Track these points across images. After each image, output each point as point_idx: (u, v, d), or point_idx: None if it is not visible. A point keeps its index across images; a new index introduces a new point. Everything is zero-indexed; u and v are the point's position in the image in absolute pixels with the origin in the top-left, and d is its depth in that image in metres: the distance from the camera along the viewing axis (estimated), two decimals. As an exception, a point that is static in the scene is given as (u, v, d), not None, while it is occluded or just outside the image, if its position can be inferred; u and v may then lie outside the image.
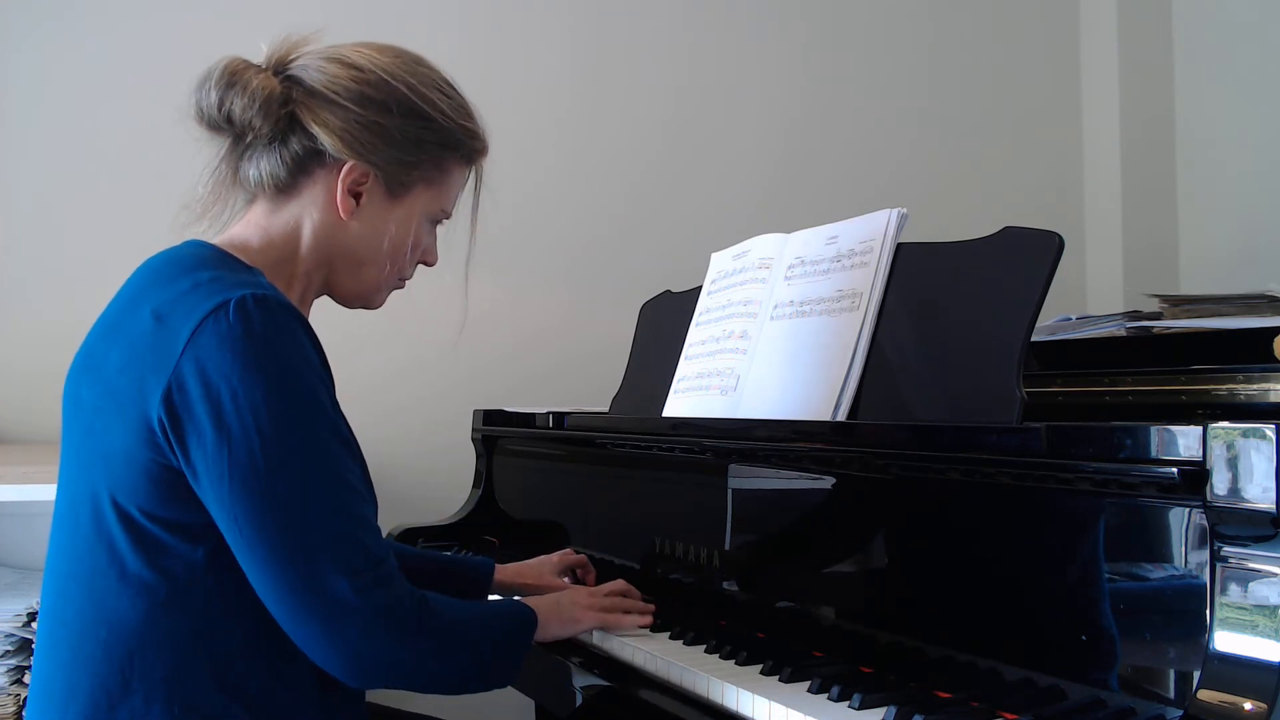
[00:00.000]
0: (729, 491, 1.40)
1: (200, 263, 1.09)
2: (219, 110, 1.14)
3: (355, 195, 1.17)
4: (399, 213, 1.20)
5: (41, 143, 2.18)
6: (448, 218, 1.27)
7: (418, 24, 2.39)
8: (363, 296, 1.25)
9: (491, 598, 1.51)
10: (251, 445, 0.98)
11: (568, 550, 1.61)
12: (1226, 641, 0.83)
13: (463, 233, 1.30)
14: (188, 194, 1.19)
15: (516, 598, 1.34)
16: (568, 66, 2.62)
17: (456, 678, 1.14)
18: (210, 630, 1.03)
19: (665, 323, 1.78)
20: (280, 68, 1.16)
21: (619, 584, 1.42)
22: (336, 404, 1.08)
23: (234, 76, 1.13)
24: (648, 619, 1.34)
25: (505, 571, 1.53)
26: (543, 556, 1.59)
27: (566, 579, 1.57)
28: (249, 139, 1.15)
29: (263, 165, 1.16)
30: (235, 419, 0.98)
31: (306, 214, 1.17)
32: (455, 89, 1.22)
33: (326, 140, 1.13)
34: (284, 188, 1.17)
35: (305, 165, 1.16)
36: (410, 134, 1.16)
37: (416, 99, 1.16)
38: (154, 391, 0.99)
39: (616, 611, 1.34)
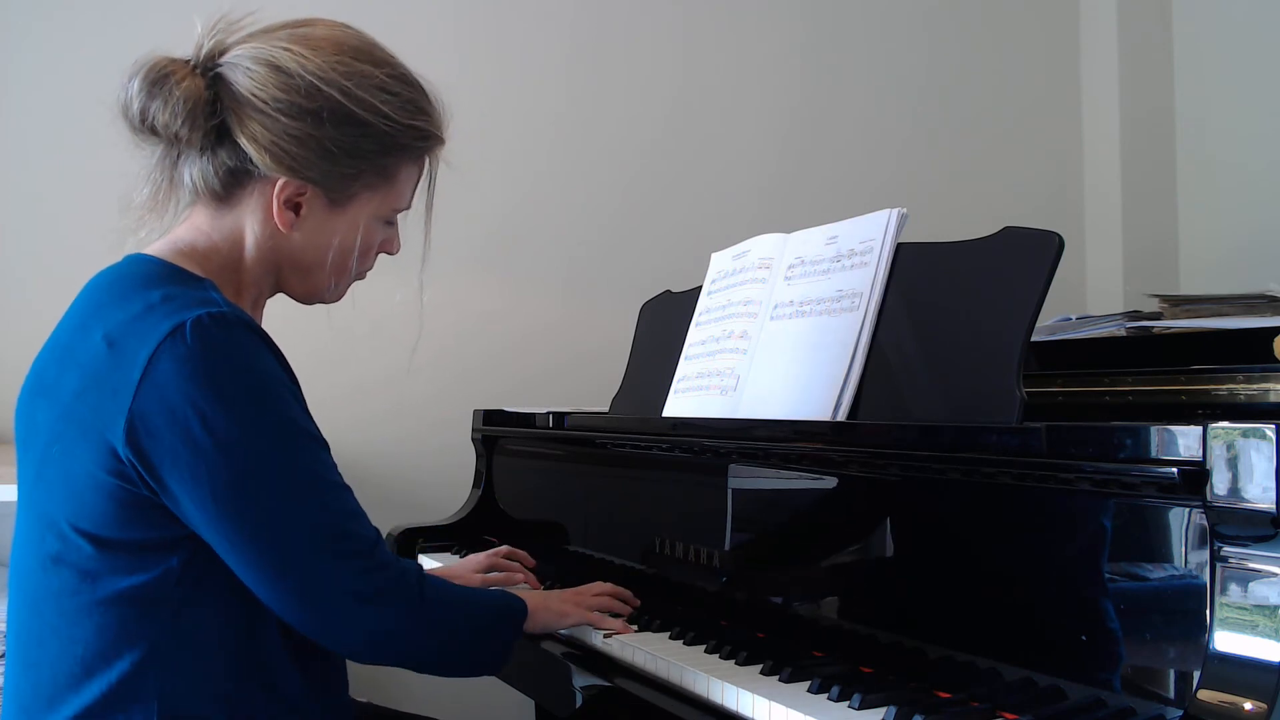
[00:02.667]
0: (729, 491, 1.40)
1: (149, 280, 1.05)
2: (142, 121, 1.08)
3: (294, 207, 1.11)
4: (343, 222, 1.14)
5: (41, 141, 2.17)
6: (406, 210, 1.21)
7: (415, 23, 2.39)
8: (316, 297, 1.21)
9: None
10: (230, 464, 0.97)
11: (499, 549, 1.61)
12: (1226, 641, 0.82)
13: (419, 229, 1.24)
14: (125, 199, 1.14)
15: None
16: (566, 65, 2.62)
17: (458, 653, 1.16)
18: (185, 639, 1.02)
19: (665, 323, 1.78)
20: (210, 64, 1.09)
21: (603, 585, 1.41)
22: (305, 408, 1.07)
23: (155, 85, 1.06)
24: (628, 628, 1.33)
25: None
26: (471, 555, 1.62)
27: (495, 574, 1.56)
28: (173, 144, 1.09)
29: (196, 173, 1.10)
30: (208, 441, 0.97)
31: (247, 224, 1.12)
32: (402, 82, 1.13)
33: (255, 155, 1.07)
34: (222, 196, 1.11)
35: (238, 177, 1.10)
36: (346, 145, 1.09)
37: (352, 105, 1.08)
38: (116, 421, 0.97)
39: (600, 611, 1.35)
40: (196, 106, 1.06)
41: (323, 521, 1.03)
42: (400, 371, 2.36)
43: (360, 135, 1.10)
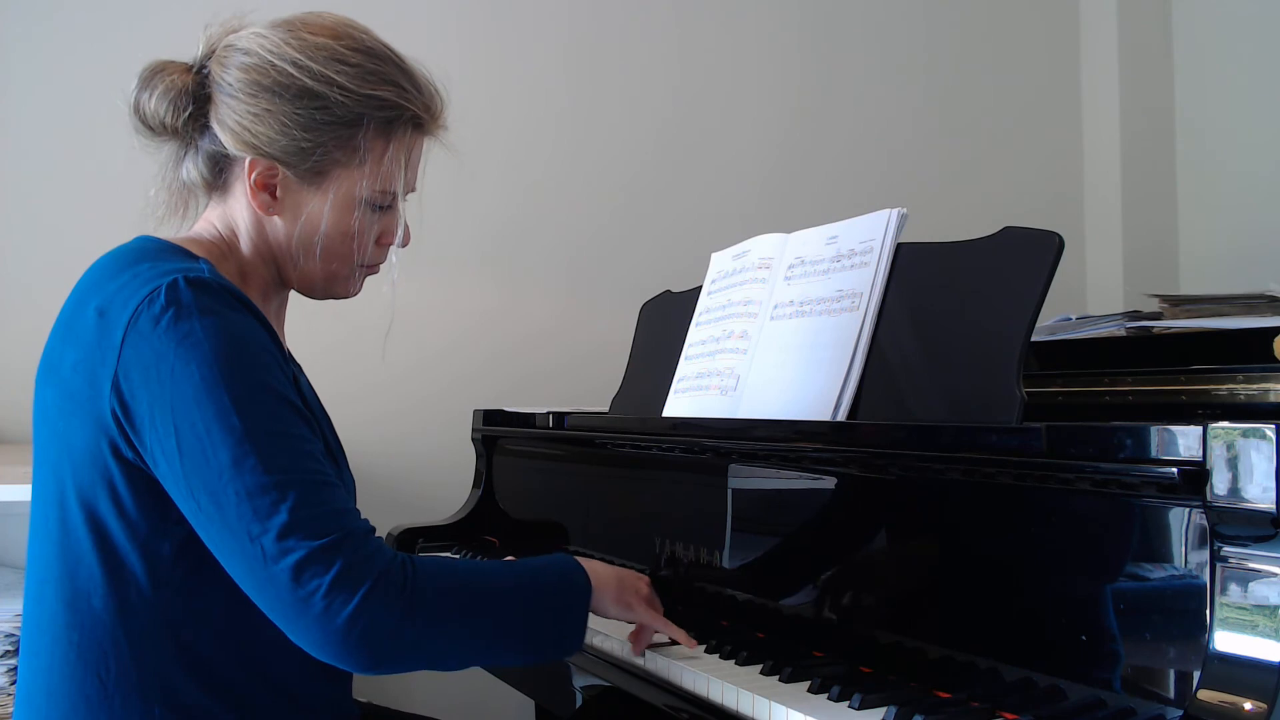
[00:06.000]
0: (729, 491, 1.40)
1: (142, 255, 1.07)
2: (135, 113, 1.13)
3: (269, 189, 1.12)
4: (320, 203, 1.13)
5: (42, 141, 2.18)
6: (395, 194, 1.16)
7: (415, 23, 2.39)
8: (317, 288, 1.20)
9: None
10: (194, 420, 0.96)
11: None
12: (1226, 641, 0.82)
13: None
14: (146, 199, 1.18)
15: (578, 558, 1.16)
16: (565, 64, 2.62)
17: (475, 649, 1.05)
18: (183, 627, 1.02)
19: (665, 323, 1.78)
20: (203, 63, 1.13)
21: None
22: (287, 373, 1.05)
23: (147, 80, 1.12)
24: (691, 641, 1.21)
25: None
26: None
27: None
28: (178, 140, 1.14)
29: (190, 166, 1.15)
30: (176, 398, 0.96)
31: (238, 211, 1.15)
32: (365, 54, 1.12)
33: (223, 137, 1.10)
34: (215, 186, 1.16)
35: (220, 163, 1.14)
36: (301, 118, 1.09)
37: (305, 78, 1.08)
38: (104, 386, 0.99)
39: (666, 620, 1.22)
40: (178, 96, 1.11)
41: (277, 486, 0.95)
42: (400, 371, 2.37)
43: (315, 107, 1.09)
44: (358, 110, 1.11)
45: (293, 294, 1.24)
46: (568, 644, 1.09)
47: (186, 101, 1.11)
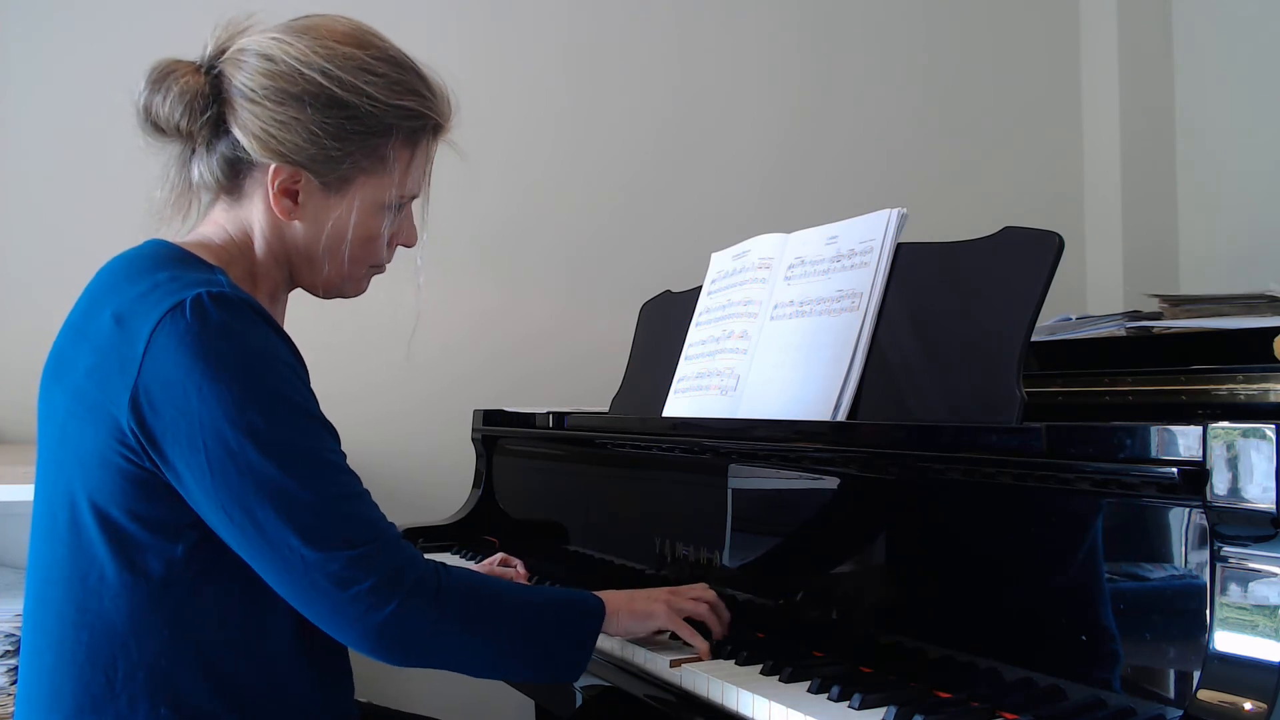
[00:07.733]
0: (729, 491, 1.40)
1: (159, 262, 1.07)
2: (146, 115, 1.11)
3: (291, 195, 1.12)
4: (343, 207, 1.14)
5: (42, 141, 2.18)
6: (412, 199, 1.20)
7: (416, 22, 2.39)
8: (332, 289, 1.21)
9: None
10: (225, 438, 0.97)
11: (497, 556, 1.60)
12: (1226, 641, 0.83)
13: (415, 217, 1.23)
14: (149, 199, 1.17)
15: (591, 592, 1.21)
16: (565, 64, 2.62)
17: (494, 657, 1.09)
18: (192, 628, 1.02)
19: (665, 323, 1.78)
20: (213, 63, 1.12)
21: (705, 591, 1.28)
22: (310, 391, 1.06)
23: (158, 82, 1.11)
24: (707, 654, 1.20)
25: None
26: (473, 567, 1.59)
27: None
28: (187, 141, 1.13)
29: (203, 168, 1.14)
30: (205, 416, 0.97)
31: (254, 214, 1.14)
32: (389, 64, 1.13)
33: (246, 143, 1.09)
34: (229, 189, 1.15)
35: (238, 167, 1.13)
36: (331, 127, 1.09)
37: (334, 87, 1.09)
38: (121, 396, 0.99)
39: (692, 621, 1.23)
40: (194, 99, 1.10)
41: (322, 500, 0.99)
42: (400, 371, 2.36)
43: (344, 117, 1.10)
44: (386, 120, 1.12)
45: (292, 296, 1.24)
46: (570, 664, 1.13)
47: (204, 104, 1.10)
